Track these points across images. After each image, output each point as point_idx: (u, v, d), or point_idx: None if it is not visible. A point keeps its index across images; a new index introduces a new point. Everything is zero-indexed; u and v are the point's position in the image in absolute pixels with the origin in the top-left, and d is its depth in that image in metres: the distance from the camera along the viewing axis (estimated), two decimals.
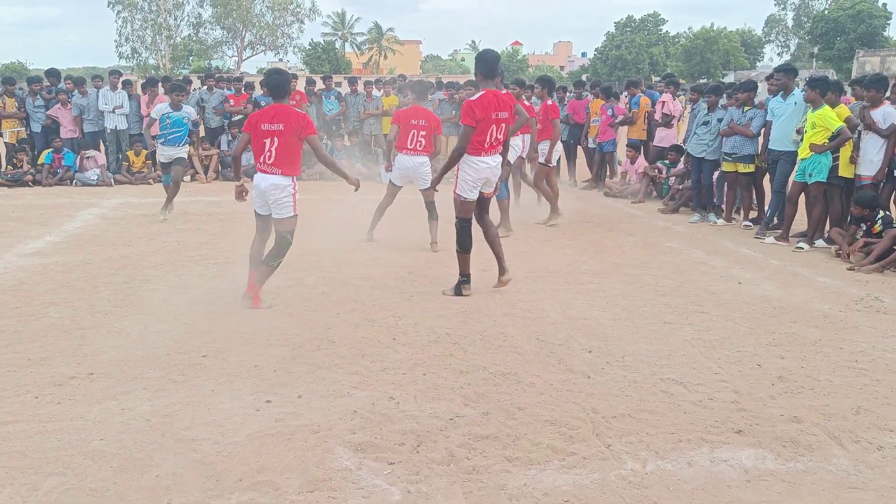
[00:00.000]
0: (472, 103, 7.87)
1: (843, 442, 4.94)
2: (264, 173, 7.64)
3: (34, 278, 8.79)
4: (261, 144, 7.59)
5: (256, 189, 7.72)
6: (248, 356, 6.37)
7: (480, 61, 8.11)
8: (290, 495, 4.20)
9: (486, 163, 8.08)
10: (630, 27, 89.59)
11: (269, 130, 7.54)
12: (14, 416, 5.18)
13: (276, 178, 7.61)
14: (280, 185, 7.61)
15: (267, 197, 7.68)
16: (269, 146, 7.56)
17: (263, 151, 7.60)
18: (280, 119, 7.54)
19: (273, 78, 7.76)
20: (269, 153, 7.58)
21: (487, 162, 8.08)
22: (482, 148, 8.01)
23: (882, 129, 10.46)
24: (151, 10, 74.60)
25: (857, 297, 8.41)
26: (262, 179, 7.65)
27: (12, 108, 17.50)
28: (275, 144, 7.55)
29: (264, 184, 7.63)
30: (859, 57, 58.09)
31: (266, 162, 7.61)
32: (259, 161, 7.66)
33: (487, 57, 8.13)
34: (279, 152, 7.57)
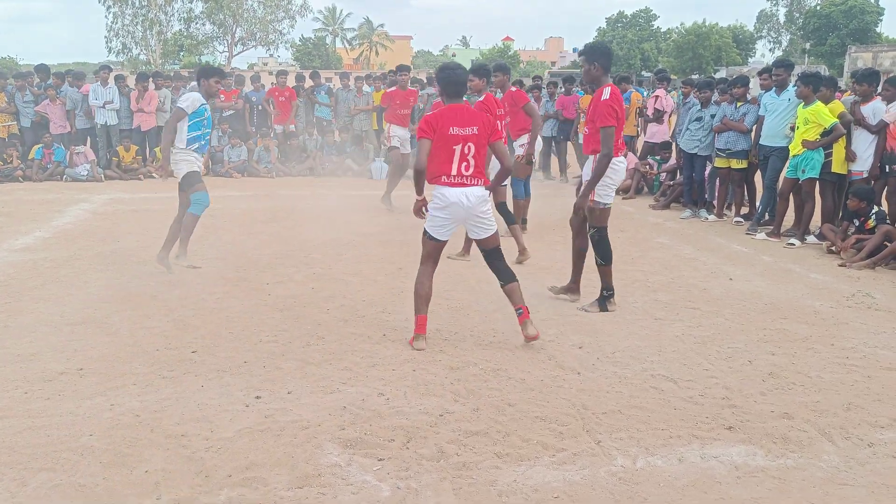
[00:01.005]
0: (611, 102, 7.20)
1: (833, 438, 4.94)
2: (463, 186, 6.45)
3: (23, 273, 8.76)
4: (449, 152, 6.41)
5: (456, 207, 6.47)
6: (238, 352, 6.36)
7: (601, 54, 7.34)
8: (279, 491, 4.19)
9: (624, 164, 7.68)
10: (621, 23, 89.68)
11: (460, 135, 6.39)
12: (3, 411, 5.16)
13: (481, 191, 6.55)
14: (486, 199, 6.62)
15: (472, 214, 6.55)
16: (463, 153, 6.42)
17: (455, 160, 6.43)
18: (473, 121, 6.47)
19: (448, 74, 6.60)
20: (467, 162, 6.44)
21: (624, 163, 7.72)
22: (618, 148, 7.49)
23: (871, 124, 10.48)
24: (142, 6, 74.36)
25: (848, 293, 8.42)
26: (463, 195, 6.45)
27: (1, 104, 17.45)
28: (471, 151, 6.43)
29: (470, 199, 6.47)
30: (851, 53, 58.17)
31: (463, 173, 6.45)
32: (448, 173, 6.44)
33: (607, 49, 7.51)
34: (478, 160, 6.48)
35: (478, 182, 6.51)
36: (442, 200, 6.45)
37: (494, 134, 6.62)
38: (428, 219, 6.58)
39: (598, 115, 7.22)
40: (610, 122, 7.17)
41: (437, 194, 6.49)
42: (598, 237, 7.58)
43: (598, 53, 7.34)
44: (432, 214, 6.53)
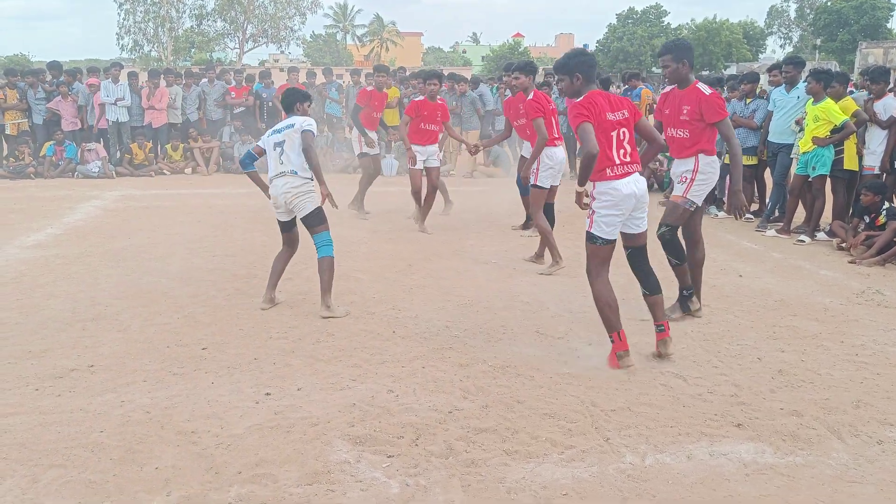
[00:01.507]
0: (720, 97, 7.01)
1: (842, 436, 4.93)
2: (627, 176, 5.91)
3: (35, 270, 8.80)
4: (608, 139, 5.84)
5: (627, 200, 5.91)
6: (248, 349, 6.38)
7: (691, 50, 7.05)
8: (288, 488, 4.21)
9: (718, 164, 7.32)
10: (632, 19, 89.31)
11: (616, 121, 5.89)
12: (14, 407, 5.19)
13: (642, 180, 6.08)
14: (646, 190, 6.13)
15: (641, 204, 6.06)
16: (621, 139, 5.92)
17: (615, 147, 5.89)
18: (622, 105, 6.02)
19: (586, 59, 6.05)
20: (624, 149, 5.93)
21: (718, 163, 7.34)
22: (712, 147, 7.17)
23: (882, 120, 10.46)
24: (153, 2, 74.49)
25: (858, 290, 8.40)
26: (633, 184, 5.93)
27: (13, 100, 17.51)
28: (626, 137, 5.96)
29: (639, 187, 5.98)
30: (862, 49, 57.93)
31: (624, 160, 5.92)
32: (613, 162, 5.88)
33: (691, 45, 7.16)
34: (633, 146, 6.01)
35: (638, 168, 6.01)
36: (614, 196, 5.85)
37: (637, 114, 6.12)
38: (595, 221, 5.94)
39: (711, 112, 6.87)
40: (724, 114, 6.93)
41: (606, 190, 5.86)
42: (670, 236, 7.24)
43: (684, 49, 7.00)
44: (603, 214, 5.90)
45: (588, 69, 5.99)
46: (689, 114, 6.99)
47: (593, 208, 5.95)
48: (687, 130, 7.06)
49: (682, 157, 7.22)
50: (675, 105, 7.14)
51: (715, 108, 6.86)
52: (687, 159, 7.17)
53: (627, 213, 5.98)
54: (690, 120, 7.00)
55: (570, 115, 5.83)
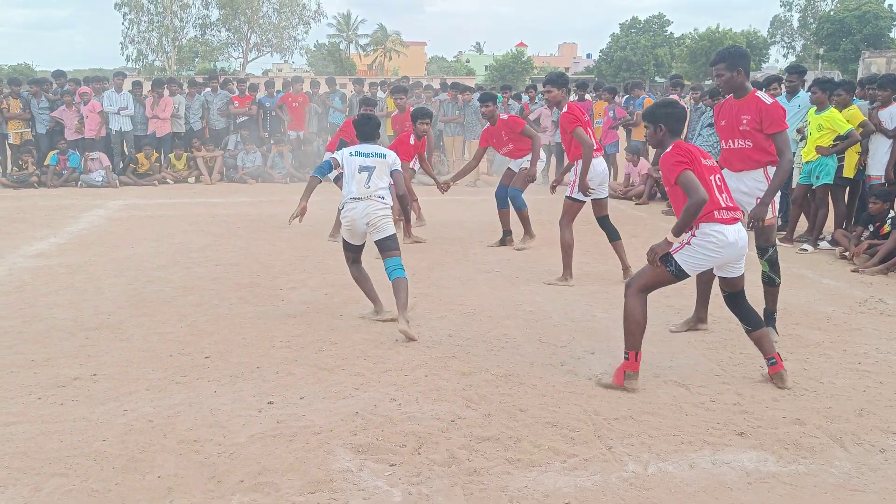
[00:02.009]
0: (779, 105, 6.77)
1: (845, 444, 4.93)
2: (733, 223, 5.82)
3: (38, 279, 8.82)
4: (707, 183, 5.68)
5: (732, 248, 5.81)
6: (251, 357, 6.38)
7: (742, 57, 6.76)
8: (291, 496, 4.21)
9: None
10: (635, 28, 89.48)
11: (710, 167, 5.85)
12: (17, 416, 5.19)
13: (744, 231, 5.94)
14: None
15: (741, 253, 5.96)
16: (717, 184, 5.80)
17: (715, 193, 5.74)
18: (704, 153, 5.96)
19: (675, 111, 6.00)
20: (725, 195, 5.85)
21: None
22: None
23: (888, 129, 10.46)
24: (158, 12, 74.78)
25: (860, 299, 8.39)
26: (736, 232, 5.82)
27: (17, 110, 17.56)
28: (720, 181, 5.89)
29: (741, 239, 5.89)
30: (865, 58, 57.92)
31: (727, 206, 5.82)
32: (717, 207, 5.72)
33: (745, 52, 6.92)
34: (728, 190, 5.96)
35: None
36: (718, 240, 5.72)
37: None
38: (687, 252, 5.77)
39: (770, 121, 6.63)
40: (784, 125, 6.68)
41: (712, 231, 5.71)
42: (776, 256, 7.09)
43: (739, 57, 6.76)
44: (700, 252, 5.76)
45: (674, 122, 5.94)
46: (749, 123, 6.73)
47: (692, 242, 5.77)
48: (749, 141, 6.78)
49: (746, 168, 6.90)
50: (734, 115, 6.85)
51: (775, 118, 6.63)
52: (751, 171, 6.86)
53: (726, 260, 5.89)
54: (751, 130, 6.73)
55: (681, 158, 5.68)
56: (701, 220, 5.66)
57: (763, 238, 6.96)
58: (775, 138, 6.63)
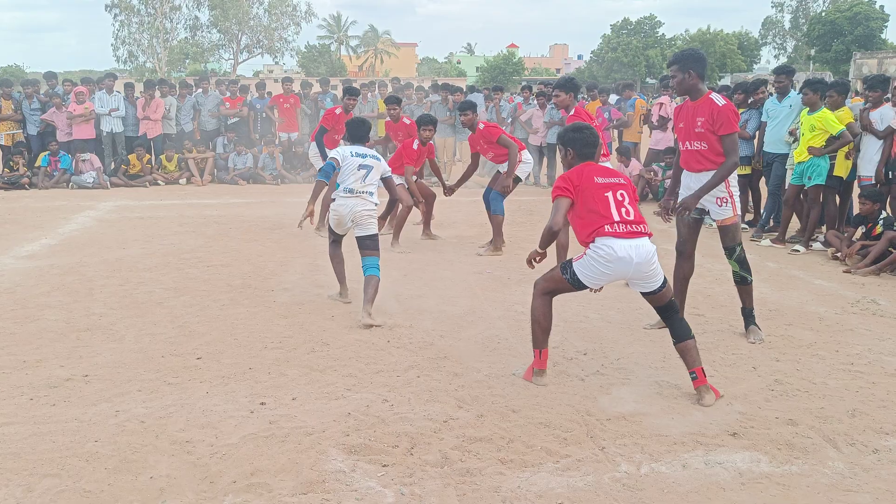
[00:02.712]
0: (732, 107, 6.80)
1: (838, 445, 4.94)
2: (629, 237, 5.66)
3: (30, 281, 8.79)
4: (603, 200, 5.73)
5: (622, 263, 5.62)
6: (243, 358, 6.37)
7: (696, 60, 6.81)
8: (283, 497, 4.20)
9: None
10: (626, 30, 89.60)
11: (608, 184, 5.82)
12: (9, 417, 5.18)
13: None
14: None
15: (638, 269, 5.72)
16: (616, 199, 5.77)
17: (611, 208, 5.71)
18: (607, 172, 5.96)
19: (576, 136, 5.99)
20: (625, 210, 5.75)
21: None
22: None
23: (878, 130, 10.48)
24: (148, 14, 74.70)
25: (853, 299, 8.41)
26: (629, 247, 5.62)
27: (8, 111, 17.51)
28: (621, 195, 5.81)
29: (638, 254, 5.64)
30: (856, 59, 58.18)
31: (624, 220, 5.70)
32: (609, 222, 5.65)
33: (702, 55, 6.94)
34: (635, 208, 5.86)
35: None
36: (608, 254, 5.60)
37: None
38: (583, 262, 5.77)
39: (721, 123, 6.69)
40: (736, 127, 6.77)
41: (602, 245, 5.62)
42: (744, 255, 7.08)
43: (692, 60, 6.82)
44: (592, 264, 5.70)
45: (581, 146, 5.94)
46: (703, 125, 6.81)
47: (586, 254, 5.76)
48: (705, 143, 6.86)
49: (703, 170, 6.98)
50: (690, 117, 6.94)
51: (726, 120, 6.68)
52: (708, 172, 6.91)
53: (620, 275, 5.74)
54: (706, 132, 6.81)
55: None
56: (595, 234, 5.65)
57: (728, 239, 7.04)
58: (724, 140, 6.73)
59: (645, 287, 5.76)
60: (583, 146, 5.91)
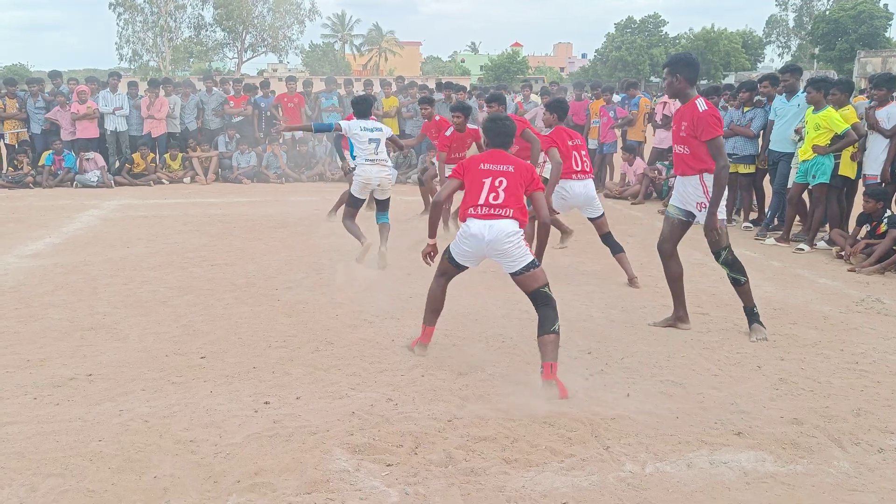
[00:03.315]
0: (714, 112, 6.84)
1: (843, 444, 4.93)
2: (487, 218, 6.14)
3: (34, 280, 8.79)
4: (480, 185, 6.25)
5: (475, 239, 6.15)
6: (247, 358, 6.37)
7: (686, 65, 6.95)
8: (287, 497, 4.20)
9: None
10: (630, 28, 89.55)
11: (489, 171, 6.28)
12: (13, 417, 5.17)
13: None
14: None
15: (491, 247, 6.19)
16: (492, 185, 6.24)
17: (482, 192, 6.24)
18: (500, 158, 6.39)
19: (490, 126, 6.56)
20: (494, 195, 6.20)
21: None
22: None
23: (885, 129, 10.44)
24: (152, 13, 74.74)
25: (857, 298, 8.39)
26: (482, 227, 6.13)
27: (13, 110, 17.51)
28: (498, 182, 6.23)
29: (490, 233, 6.10)
30: (860, 58, 58.14)
31: (487, 204, 6.19)
32: (474, 205, 6.24)
33: (692, 60, 7.04)
34: (508, 192, 6.23)
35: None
36: (465, 231, 6.23)
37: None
38: (455, 244, 6.43)
39: (702, 129, 6.78)
40: (718, 131, 6.78)
41: (464, 225, 6.29)
42: (733, 257, 7.12)
43: (682, 64, 6.96)
44: (459, 244, 6.35)
45: (493, 136, 6.46)
46: (686, 130, 6.91)
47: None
48: (687, 147, 6.97)
49: (685, 174, 7.09)
50: (677, 121, 7.08)
51: (707, 126, 6.74)
52: (690, 177, 7.03)
53: (476, 250, 6.22)
54: (688, 136, 6.90)
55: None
56: (464, 214, 6.26)
57: (713, 245, 7.09)
58: (708, 145, 6.79)
59: (508, 267, 6.14)
60: (495, 136, 6.45)
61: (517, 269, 6.05)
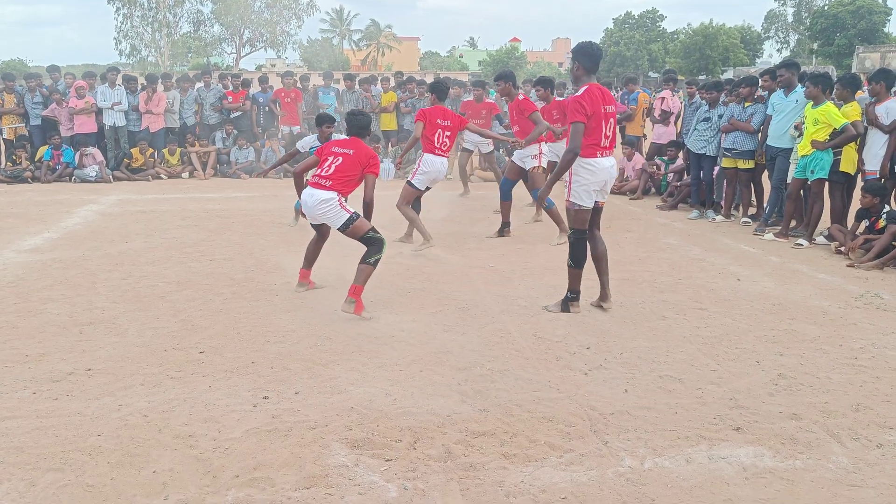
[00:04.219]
0: (580, 98, 7.15)
1: (842, 439, 4.93)
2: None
3: (32, 274, 8.79)
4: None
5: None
6: (246, 352, 6.37)
7: (584, 55, 7.35)
8: (286, 492, 4.20)
9: (603, 164, 7.38)
10: (629, 24, 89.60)
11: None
12: (11, 411, 5.17)
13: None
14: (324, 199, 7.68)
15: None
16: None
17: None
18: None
19: (350, 119, 8.09)
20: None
21: (603, 163, 7.39)
22: (597, 147, 7.32)
23: (884, 124, 10.43)
24: (151, 7, 74.64)
25: (856, 293, 8.39)
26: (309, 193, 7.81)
27: (11, 105, 17.49)
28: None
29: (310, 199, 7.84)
30: (859, 53, 58.13)
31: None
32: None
33: (591, 50, 7.37)
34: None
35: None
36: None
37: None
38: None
39: (568, 111, 7.28)
40: (577, 117, 7.12)
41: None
42: (574, 239, 7.53)
43: (581, 53, 7.39)
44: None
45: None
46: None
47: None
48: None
49: None
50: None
51: (571, 109, 7.26)
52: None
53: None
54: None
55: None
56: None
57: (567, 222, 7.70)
58: (572, 127, 7.29)
59: (333, 226, 7.72)
60: (350, 127, 7.94)
61: (338, 227, 7.61)
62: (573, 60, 7.46)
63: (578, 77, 7.45)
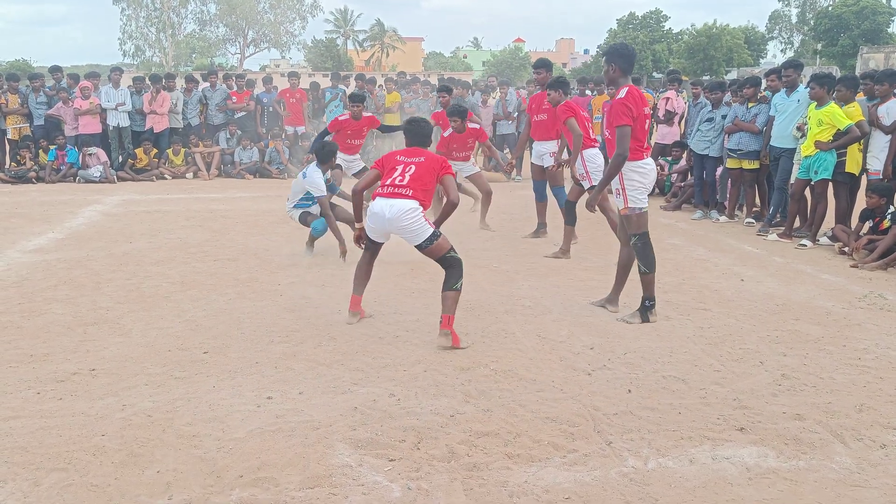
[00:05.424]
0: (625, 101, 7.01)
1: (845, 440, 4.92)
2: (389, 196, 6.91)
3: (37, 275, 8.80)
4: (393, 169, 7.01)
5: (377, 217, 6.89)
6: (250, 352, 6.37)
7: (619, 56, 7.25)
8: (290, 491, 4.20)
9: (650, 164, 7.34)
10: (632, 24, 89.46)
11: (402, 161, 7.04)
12: (16, 411, 5.18)
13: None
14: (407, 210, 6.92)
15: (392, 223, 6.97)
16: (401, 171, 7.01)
17: (392, 174, 7.03)
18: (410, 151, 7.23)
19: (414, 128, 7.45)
20: (400, 178, 6.99)
21: (650, 164, 7.35)
22: (641, 150, 7.24)
23: (885, 125, 10.42)
24: (155, 8, 74.74)
25: (860, 294, 8.38)
26: (384, 205, 6.88)
27: (15, 105, 17.52)
28: (406, 169, 7.09)
29: (389, 211, 6.89)
30: (863, 53, 57.94)
31: (393, 184, 7.00)
32: (382, 185, 7.05)
33: (626, 51, 7.32)
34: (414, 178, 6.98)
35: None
36: (369, 210, 6.98)
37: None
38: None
39: (613, 115, 7.09)
40: (624, 120, 6.98)
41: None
42: (641, 244, 7.32)
43: (616, 55, 7.24)
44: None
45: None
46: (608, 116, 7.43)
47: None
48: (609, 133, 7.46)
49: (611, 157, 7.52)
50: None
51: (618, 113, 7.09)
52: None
53: (380, 226, 6.90)
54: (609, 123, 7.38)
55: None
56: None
57: (631, 227, 7.46)
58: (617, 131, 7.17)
59: (411, 241, 6.87)
60: (412, 136, 7.20)
61: (418, 244, 6.82)
62: (607, 62, 7.32)
63: (614, 79, 7.37)
